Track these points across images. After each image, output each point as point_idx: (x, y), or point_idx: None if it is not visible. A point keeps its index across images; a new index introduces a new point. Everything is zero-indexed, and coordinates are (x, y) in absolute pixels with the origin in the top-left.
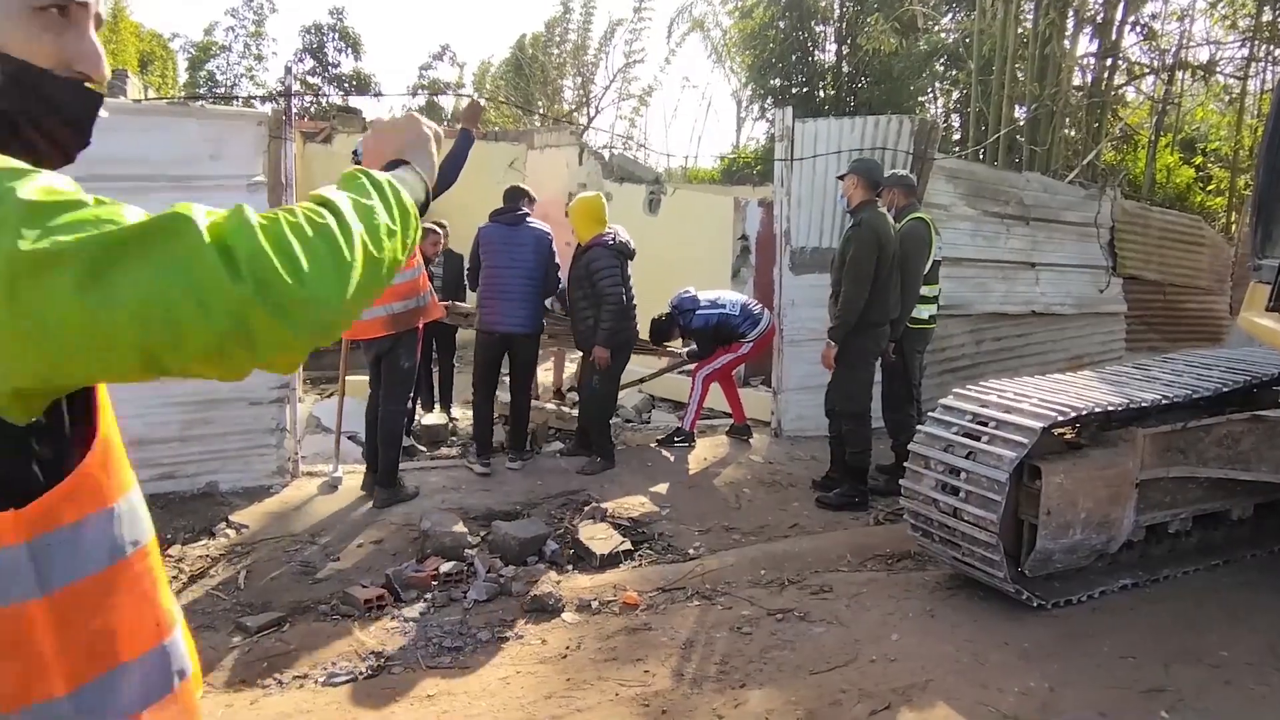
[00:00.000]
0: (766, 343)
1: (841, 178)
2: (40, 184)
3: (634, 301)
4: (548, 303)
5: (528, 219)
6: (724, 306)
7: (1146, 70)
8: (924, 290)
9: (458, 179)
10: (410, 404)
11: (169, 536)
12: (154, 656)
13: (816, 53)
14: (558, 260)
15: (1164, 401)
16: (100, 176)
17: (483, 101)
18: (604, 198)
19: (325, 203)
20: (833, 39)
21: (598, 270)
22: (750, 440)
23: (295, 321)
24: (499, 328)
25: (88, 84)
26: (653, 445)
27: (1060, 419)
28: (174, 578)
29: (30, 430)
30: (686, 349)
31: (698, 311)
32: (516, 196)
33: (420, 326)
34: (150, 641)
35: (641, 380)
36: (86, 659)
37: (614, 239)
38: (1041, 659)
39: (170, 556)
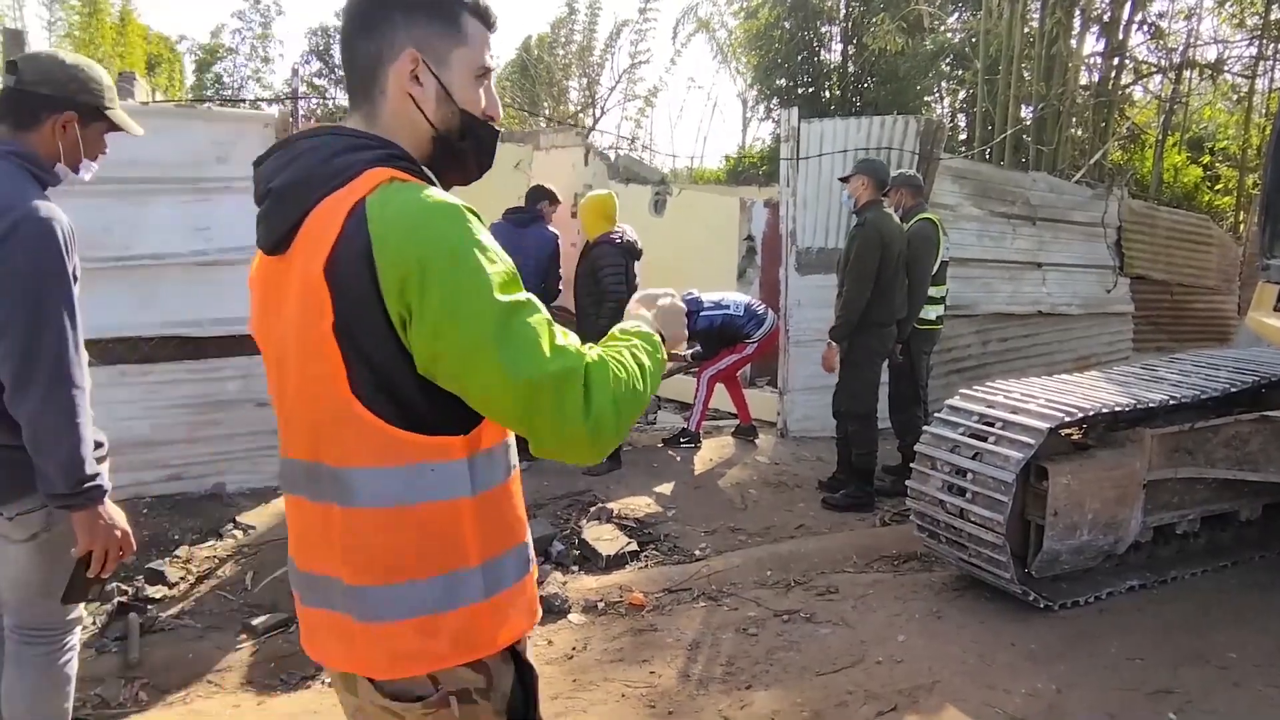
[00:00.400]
0: (771, 343)
1: (845, 180)
2: (483, 239)
3: None
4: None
5: (537, 221)
6: (728, 307)
7: (1154, 69)
8: (931, 291)
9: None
10: None
11: (176, 537)
12: (521, 548)
13: (822, 53)
14: (559, 265)
15: (1171, 402)
16: (110, 179)
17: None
18: (615, 197)
19: (643, 369)
20: (838, 39)
21: (602, 267)
22: (756, 441)
23: (600, 451)
24: None
25: (494, 124)
26: (659, 446)
27: (1067, 419)
28: (182, 578)
29: None
30: (690, 350)
31: (702, 313)
32: (537, 198)
33: None
34: (521, 536)
35: None
36: (492, 542)
37: (621, 237)
38: (1049, 660)
39: (178, 557)
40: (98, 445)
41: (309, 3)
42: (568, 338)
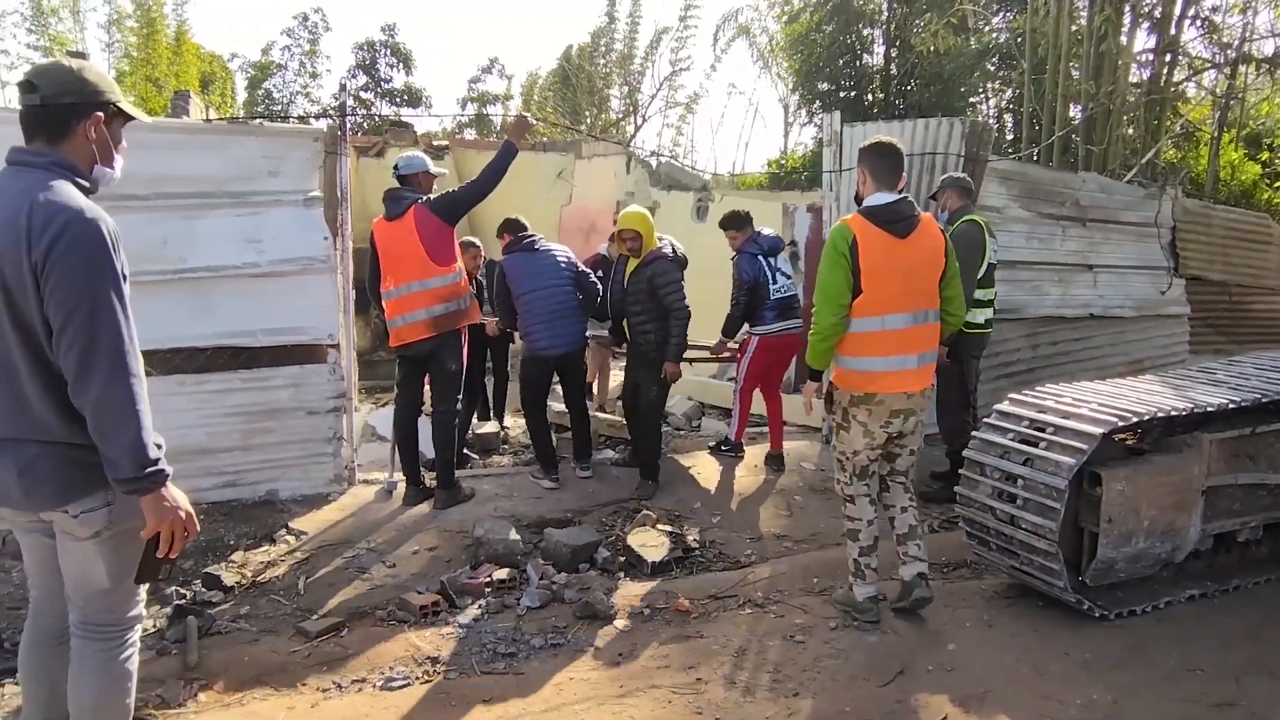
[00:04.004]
0: (782, 346)
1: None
2: None
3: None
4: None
5: (537, 243)
6: (775, 279)
7: (1208, 65)
8: (978, 294)
9: (498, 185)
10: (460, 405)
11: (232, 542)
12: None
13: (864, 56)
14: (586, 270)
15: (1231, 406)
16: (165, 195)
17: (531, 119)
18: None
19: None
20: (881, 41)
21: (664, 285)
22: (782, 470)
23: None
24: (553, 350)
25: None
26: (704, 452)
27: (1121, 424)
28: (237, 582)
29: None
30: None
31: (753, 254)
32: (515, 228)
33: (464, 330)
34: None
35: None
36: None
37: (673, 250)
38: (1105, 670)
39: (233, 562)
40: (156, 445)
41: (355, 19)
42: None
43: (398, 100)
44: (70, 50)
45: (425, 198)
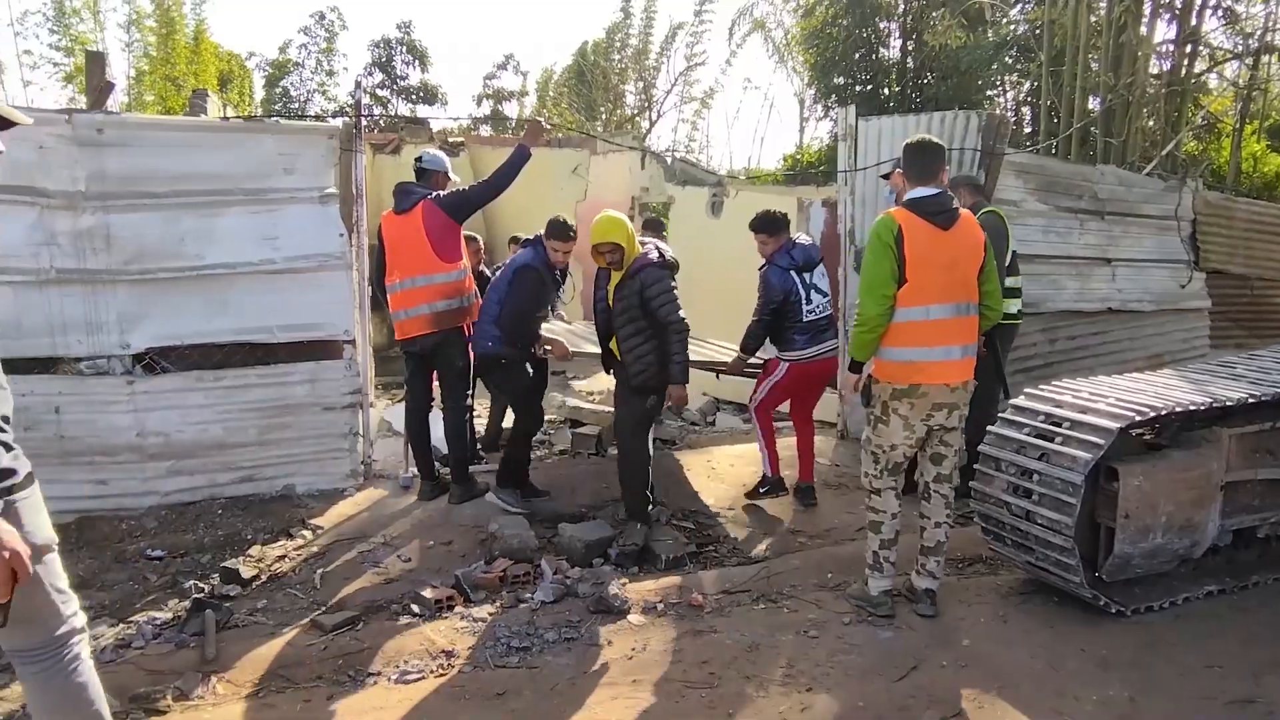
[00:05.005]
0: (816, 374)
1: (886, 177)
2: None
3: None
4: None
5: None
6: (809, 298)
7: (1229, 55)
8: (1009, 282)
9: (509, 186)
10: (470, 401)
11: (249, 537)
12: None
13: (880, 49)
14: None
15: (1250, 400)
16: (183, 193)
17: (544, 124)
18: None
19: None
20: (897, 35)
21: (656, 296)
22: (814, 504)
23: None
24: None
25: None
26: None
27: (1138, 419)
28: (254, 576)
29: None
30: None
31: (783, 269)
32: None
33: (467, 327)
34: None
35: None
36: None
37: (660, 254)
38: (1121, 667)
39: (251, 556)
40: (10, 473)
41: (371, 16)
42: None
43: (414, 97)
44: (89, 50)
45: (435, 194)
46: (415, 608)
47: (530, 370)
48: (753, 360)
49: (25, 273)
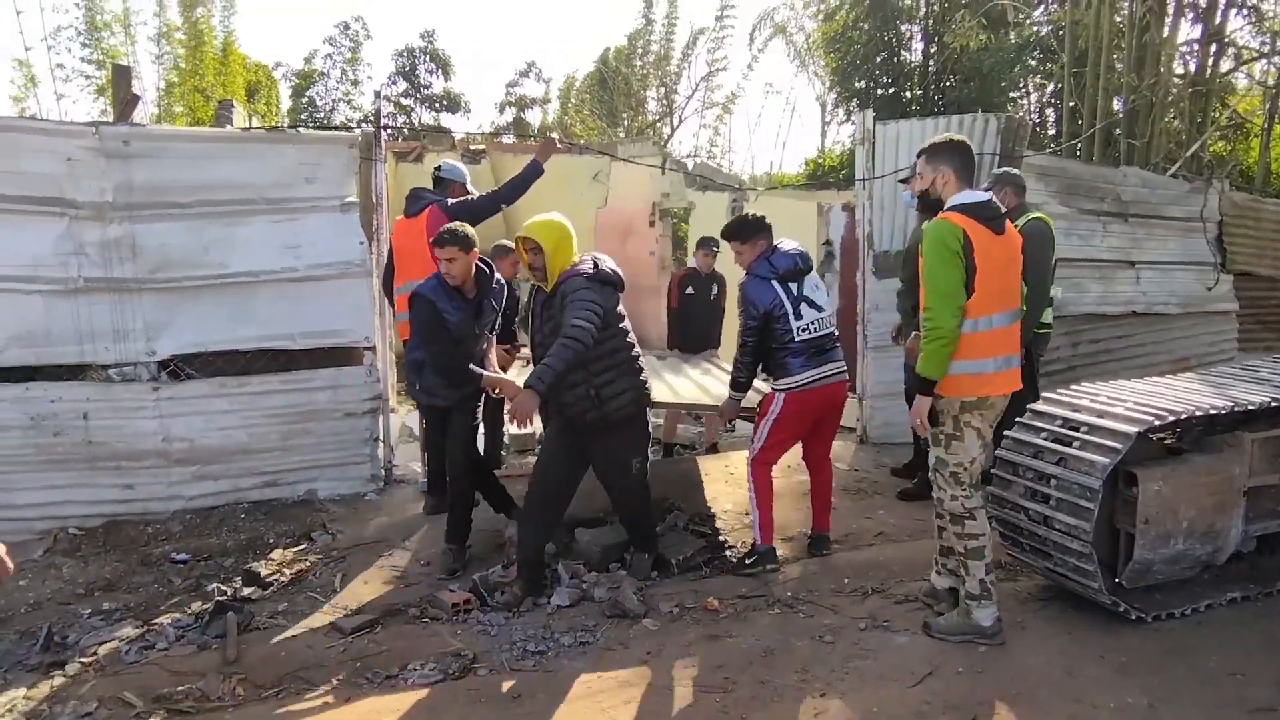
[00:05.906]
0: (820, 402)
1: (905, 181)
2: None
3: (640, 354)
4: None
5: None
6: (799, 313)
7: (1256, 55)
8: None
9: (518, 199)
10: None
11: (271, 541)
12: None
13: (902, 52)
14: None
15: (1274, 404)
16: (206, 202)
17: (557, 142)
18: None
19: None
20: (919, 38)
21: (571, 305)
22: (828, 553)
23: None
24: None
25: None
26: (736, 453)
27: (1158, 423)
28: (276, 579)
29: None
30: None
31: (763, 278)
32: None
33: None
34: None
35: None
36: None
37: (596, 265)
38: (1141, 674)
39: (273, 560)
40: None
41: (395, 26)
42: None
43: (437, 106)
44: (116, 64)
45: (443, 200)
46: (433, 611)
47: (477, 416)
48: (747, 403)
49: (54, 281)
